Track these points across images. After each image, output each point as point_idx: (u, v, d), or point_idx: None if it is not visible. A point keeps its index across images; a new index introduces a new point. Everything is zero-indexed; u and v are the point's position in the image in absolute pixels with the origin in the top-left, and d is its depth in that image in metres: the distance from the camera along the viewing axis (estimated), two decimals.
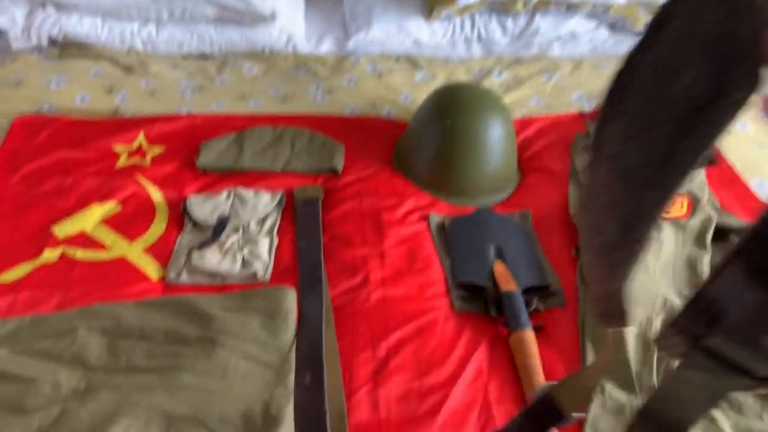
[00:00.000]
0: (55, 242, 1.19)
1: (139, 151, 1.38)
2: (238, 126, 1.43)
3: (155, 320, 1.01)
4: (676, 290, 1.06)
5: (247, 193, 1.25)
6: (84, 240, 1.19)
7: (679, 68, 0.27)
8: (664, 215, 1.15)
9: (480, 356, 1.00)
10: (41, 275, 1.12)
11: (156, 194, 1.29)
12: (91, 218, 1.23)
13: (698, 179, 1.23)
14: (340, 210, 1.26)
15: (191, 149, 1.38)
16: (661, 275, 1.08)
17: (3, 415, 0.88)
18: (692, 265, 1.09)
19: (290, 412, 0.89)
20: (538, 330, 1.02)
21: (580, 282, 1.11)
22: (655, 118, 0.28)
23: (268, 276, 1.12)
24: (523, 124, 1.47)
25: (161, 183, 1.31)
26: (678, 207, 1.16)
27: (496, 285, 1.09)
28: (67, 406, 0.89)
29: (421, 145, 1.32)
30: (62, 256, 1.16)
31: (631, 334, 0.98)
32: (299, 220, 1.22)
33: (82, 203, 1.26)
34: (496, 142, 1.29)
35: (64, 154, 1.36)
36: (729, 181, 1.30)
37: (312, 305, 1.06)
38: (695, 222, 1.15)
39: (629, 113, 0.29)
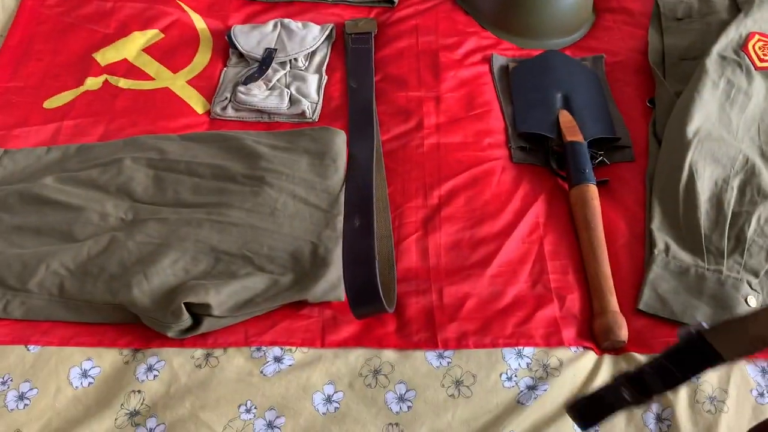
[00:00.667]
0: (98, 70, 1.14)
1: None
2: None
3: (201, 155, 0.98)
4: (759, 150, 0.97)
5: (296, 24, 1.16)
6: (127, 68, 1.14)
7: None
8: (758, 63, 1.02)
9: (537, 210, 0.95)
10: (85, 103, 1.09)
11: (200, 22, 1.21)
12: (133, 46, 1.17)
13: None
14: (394, 47, 1.16)
15: None
16: (743, 133, 0.98)
17: (53, 242, 0.89)
18: None
19: (339, 254, 0.87)
20: (602, 185, 0.96)
21: (652, 136, 1.03)
22: None
23: (316, 116, 1.07)
24: None
25: (205, 11, 1.23)
26: None
27: (560, 135, 1.01)
28: (115, 236, 0.88)
29: None
30: (105, 84, 1.12)
31: (704, 193, 0.91)
32: (350, 57, 1.14)
33: (123, 30, 1.20)
34: None
35: None
36: None
37: (362, 148, 1.01)
38: None
39: None
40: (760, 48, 1.04)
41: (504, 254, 0.90)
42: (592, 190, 0.93)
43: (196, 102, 1.09)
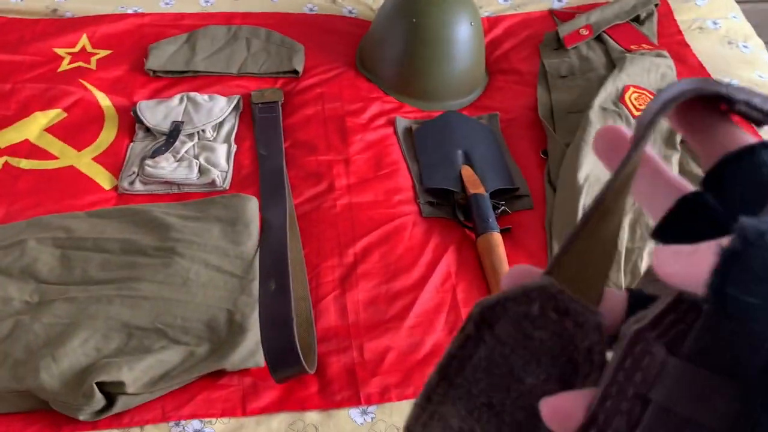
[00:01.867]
0: None
1: (83, 55, 1.28)
2: (190, 26, 1.34)
3: (109, 230, 0.97)
4: None
5: (202, 97, 1.18)
6: (29, 149, 1.12)
7: (520, 370, 0.24)
8: (635, 112, 1.12)
9: (448, 260, 0.99)
10: None
11: (104, 100, 1.21)
12: (34, 127, 1.16)
13: (669, 77, 1.21)
14: (301, 114, 1.20)
15: (140, 52, 1.29)
16: None
17: None
18: None
19: (256, 320, 0.87)
20: (505, 232, 1.01)
21: (547, 184, 1.10)
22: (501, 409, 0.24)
23: (227, 184, 1.08)
24: (491, 23, 1.41)
25: (109, 88, 1.23)
26: None
27: (464, 189, 1.07)
28: (20, 320, 0.85)
29: (385, 46, 1.26)
30: (5, 166, 1.09)
31: None
32: (258, 126, 1.17)
33: (23, 111, 1.18)
34: (464, 41, 1.23)
35: (1, 56, 1.26)
36: None
37: (275, 213, 1.02)
38: (665, 122, 1.12)
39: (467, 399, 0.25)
40: (635, 99, 1.14)
41: (420, 305, 0.93)
42: (497, 237, 0.98)
43: (103, 178, 1.08)
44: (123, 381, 0.78)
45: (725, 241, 0.19)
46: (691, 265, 0.20)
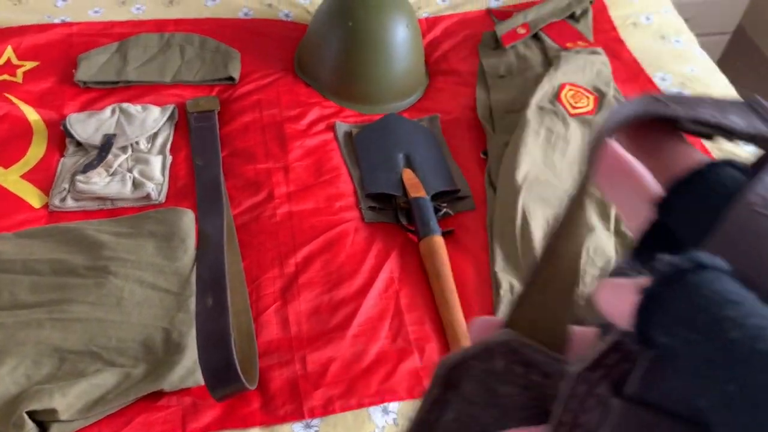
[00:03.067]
0: None
1: (8, 67, 1.23)
2: (120, 34, 1.30)
3: (39, 251, 0.93)
4: None
5: (134, 107, 1.15)
6: None
7: (491, 427, 0.24)
8: (571, 111, 1.13)
9: (391, 265, 0.98)
10: None
11: (32, 114, 1.17)
12: None
13: (604, 74, 1.22)
14: (238, 122, 1.17)
15: (68, 63, 1.25)
16: (567, 174, 1.07)
17: None
18: None
19: (193, 338, 0.85)
20: (447, 235, 1.01)
21: (488, 184, 1.10)
22: None
23: (162, 197, 1.05)
24: (429, 24, 1.40)
25: (37, 102, 1.19)
26: (585, 103, 1.15)
27: (405, 193, 1.06)
28: None
29: (322, 50, 1.24)
30: None
31: (538, 232, 0.98)
32: (194, 135, 1.14)
33: None
34: (402, 43, 1.23)
35: None
36: (633, 75, 1.29)
37: (212, 225, 1.00)
38: (602, 118, 1.14)
39: None
40: (571, 97, 1.15)
41: (363, 313, 0.92)
42: (438, 241, 0.98)
43: (32, 196, 1.04)
44: (55, 408, 0.75)
45: (645, 281, 0.19)
46: (618, 303, 0.20)
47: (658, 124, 0.23)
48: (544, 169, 1.06)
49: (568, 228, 0.25)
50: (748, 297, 0.18)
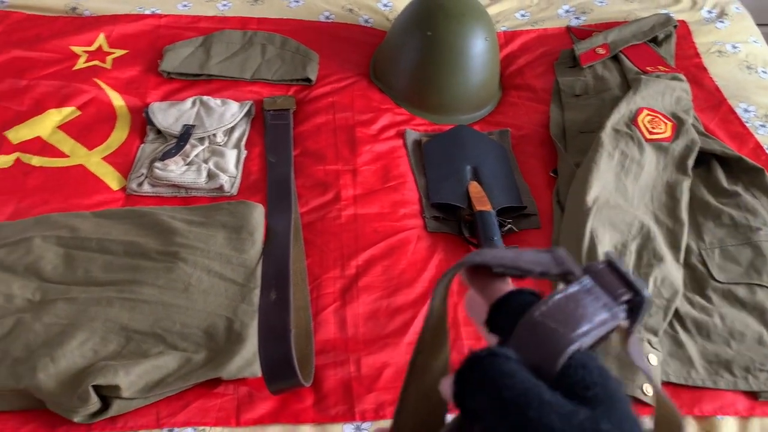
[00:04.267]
0: (10, 148, 1.12)
1: (99, 54, 1.29)
2: (206, 29, 1.34)
3: (114, 232, 0.97)
4: (653, 216, 1.04)
5: (214, 101, 1.19)
6: (40, 146, 1.13)
7: None
8: (647, 135, 1.11)
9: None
10: None
11: (117, 100, 1.22)
12: (47, 123, 1.17)
13: (684, 101, 1.19)
14: (312, 123, 1.20)
15: (155, 53, 1.30)
16: (638, 200, 1.05)
17: None
18: (672, 191, 1.06)
19: (255, 329, 0.87)
20: None
21: (555, 204, 1.09)
22: None
23: (234, 190, 1.08)
24: (507, 37, 1.40)
25: (123, 88, 1.24)
26: (662, 129, 1.12)
27: (470, 206, 1.06)
28: (21, 318, 0.85)
29: (399, 57, 1.26)
30: (17, 162, 1.10)
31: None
32: (269, 132, 1.17)
33: (37, 108, 1.19)
34: (479, 55, 1.23)
35: (18, 53, 1.27)
36: (715, 104, 1.26)
37: (280, 221, 1.02)
38: (678, 146, 1.11)
39: None
40: (648, 122, 1.13)
41: (420, 322, 0.92)
42: None
43: (112, 179, 1.09)
44: (119, 385, 0.78)
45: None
46: (447, 386, 0.30)
47: (485, 268, 0.34)
48: (615, 193, 1.04)
49: (431, 344, 0.35)
50: (520, 371, 0.28)
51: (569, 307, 0.30)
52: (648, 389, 0.84)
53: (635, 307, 0.31)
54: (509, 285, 0.35)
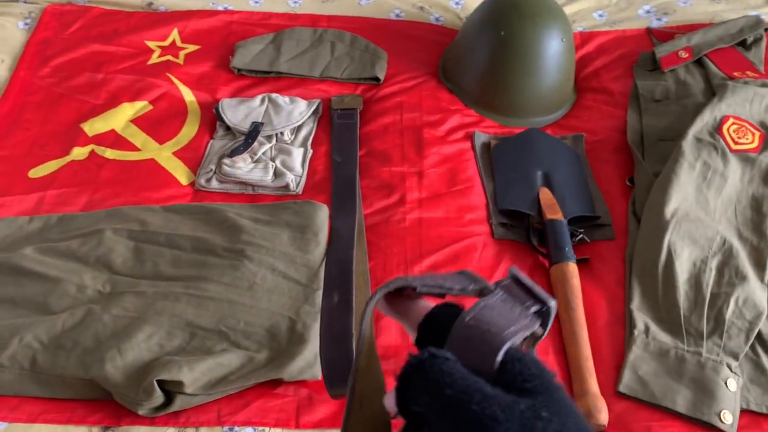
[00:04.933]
0: (85, 140, 1.15)
1: (173, 48, 1.31)
2: (277, 26, 1.35)
3: (183, 227, 0.98)
4: (737, 231, 0.98)
5: (283, 99, 1.19)
6: (114, 139, 1.16)
7: None
8: (733, 146, 1.04)
9: None
10: (70, 173, 1.10)
11: (188, 95, 1.24)
12: (121, 117, 1.19)
13: None
14: (379, 123, 1.18)
15: (226, 49, 1.31)
16: (721, 214, 0.99)
17: (28, 314, 0.87)
18: (758, 205, 1.00)
19: (316, 331, 0.86)
20: (582, 263, 0.96)
21: (631, 215, 1.04)
22: None
23: (300, 189, 1.07)
24: (584, 38, 1.35)
25: (194, 83, 1.26)
26: (749, 138, 1.06)
27: (540, 213, 1.02)
28: (91, 308, 0.87)
29: (470, 57, 1.22)
30: (91, 155, 1.13)
31: (683, 274, 0.91)
32: (335, 132, 1.16)
33: (112, 101, 1.22)
34: (553, 57, 1.19)
35: (96, 47, 1.31)
36: None
37: (344, 223, 1.01)
38: (766, 157, 1.04)
39: None
40: (734, 131, 1.07)
41: None
42: (572, 268, 0.93)
43: (181, 173, 1.10)
44: (182, 381, 0.78)
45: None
46: (390, 398, 0.31)
47: (409, 291, 0.37)
48: (696, 206, 0.99)
49: (366, 369, 0.37)
50: (460, 369, 0.30)
51: (494, 313, 0.33)
52: (726, 416, 0.80)
53: (544, 316, 0.34)
54: (429, 304, 0.38)
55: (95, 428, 0.80)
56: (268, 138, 1.13)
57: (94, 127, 1.17)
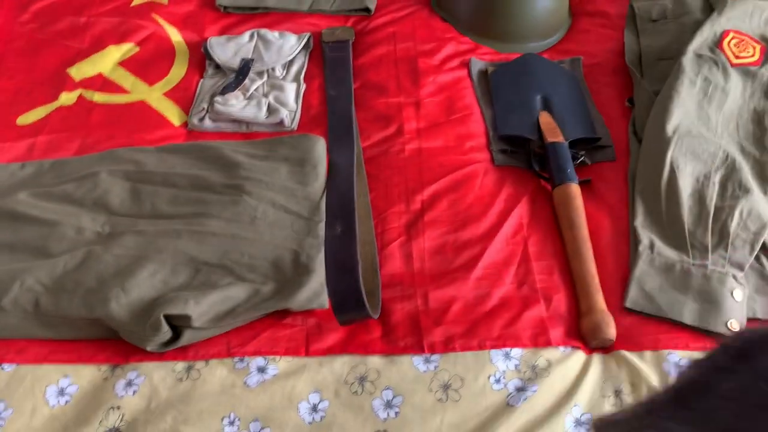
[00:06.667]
0: (72, 85, 1.12)
1: None
2: None
3: (179, 166, 0.97)
4: (739, 145, 0.97)
5: (272, 34, 1.16)
6: (102, 82, 1.13)
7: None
8: (734, 60, 1.03)
9: (520, 211, 0.94)
10: (59, 118, 1.07)
11: (175, 35, 1.20)
12: (108, 60, 1.16)
13: None
14: (372, 54, 1.16)
15: None
16: (723, 128, 0.98)
17: (27, 259, 0.86)
18: (759, 119, 0.99)
19: (321, 262, 0.85)
20: (584, 184, 0.95)
21: (632, 135, 1.03)
22: None
23: (295, 124, 1.05)
24: None
25: (180, 23, 1.22)
26: (750, 52, 1.04)
27: (541, 137, 1.01)
28: (92, 249, 0.86)
29: None
30: (80, 99, 1.10)
31: (686, 189, 0.90)
32: (328, 65, 1.13)
33: (97, 45, 1.19)
34: None
35: None
36: None
37: (342, 155, 1.00)
38: (767, 70, 1.03)
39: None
40: (735, 45, 1.05)
41: (488, 257, 0.89)
42: (575, 189, 0.93)
43: (173, 114, 1.08)
44: (189, 315, 0.78)
45: None
46: None
47: None
48: (698, 122, 0.97)
49: None
50: None
51: None
52: (734, 325, 0.80)
53: None
54: None
55: (104, 366, 0.79)
56: (260, 74, 1.11)
57: (81, 71, 1.14)
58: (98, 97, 1.10)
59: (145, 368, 0.79)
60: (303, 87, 1.11)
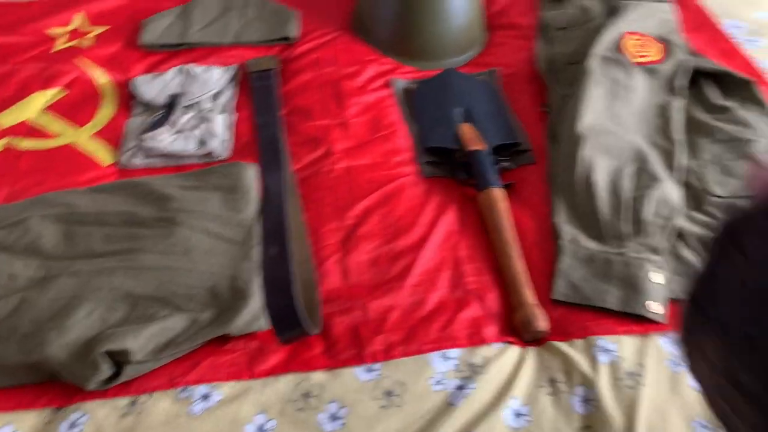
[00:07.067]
0: None
1: (78, 33, 1.28)
2: None
3: (110, 204, 0.97)
4: (648, 139, 1.03)
5: (197, 68, 1.18)
6: (28, 129, 1.13)
7: None
8: (639, 60, 1.10)
9: (449, 218, 0.98)
10: None
11: (101, 77, 1.21)
12: (33, 106, 1.16)
13: (669, 23, 1.17)
14: (298, 81, 1.19)
15: (135, 26, 1.29)
16: (631, 124, 1.04)
17: None
18: (663, 112, 1.05)
19: (258, 285, 0.87)
20: (508, 188, 1.00)
21: (549, 138, 1.08)
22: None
23: (226, 154, 1.07)
24: None
25: (106, 65, 1.23)
26: (651, 51, 1.11)
27: (464, 147, 1.05)
28: (26, 295, 0.86)
29: (380, 6, 1.24)
30: (6, 148, 1.10)
31: (601, 183, 0.96)
32: (255, 94, 1.16)
33: (22, 91, 1.19)
34: None
35: None
36: (701, 23, 1.24)
37: (274, 180, 1.02)
38: (668, 67, 1.10)
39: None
40: (634, 46, 1.12)
41: (421, 264, 0.92)
42: (498, 193, 0.97)
43: (103, 154, 1.08)
44: (128, 349, 0.78)
45: None
46: None
47: None
48: (608, 120, 1.03)
49: None
50: None
51: None
52: (651, 306, 0.85)
53: None
54: None
55: (46, 410, 0.79)
56: (188, 108, 1.13)
57: (6, 119, 1.14)
58: (25, 144, 1.10)
59: (88, 407, 0.78)
60: (233, 117, 1.13)
